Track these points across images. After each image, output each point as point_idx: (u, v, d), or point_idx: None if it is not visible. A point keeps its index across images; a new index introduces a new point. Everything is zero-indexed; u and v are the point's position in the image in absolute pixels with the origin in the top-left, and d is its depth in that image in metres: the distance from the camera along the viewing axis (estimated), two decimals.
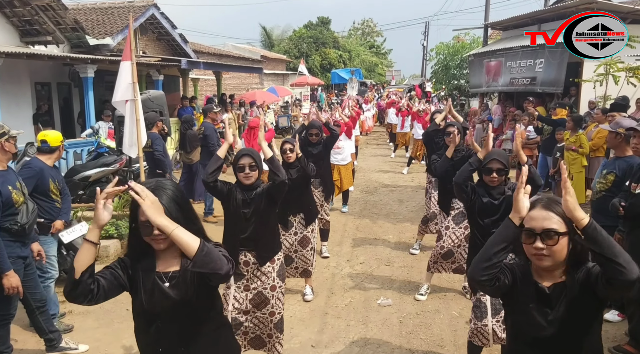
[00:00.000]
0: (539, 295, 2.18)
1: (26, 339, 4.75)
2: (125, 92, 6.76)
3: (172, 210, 2.12)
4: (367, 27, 53.26)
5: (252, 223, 3.91)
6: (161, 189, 2.16)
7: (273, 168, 3.86)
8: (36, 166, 4.61)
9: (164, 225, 2.00)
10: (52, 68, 13.49)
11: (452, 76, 22.99)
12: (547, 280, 2.19)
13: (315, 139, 6.65)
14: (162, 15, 16.74)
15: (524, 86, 14.21)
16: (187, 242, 2.01)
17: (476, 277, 2.18)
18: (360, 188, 11.70)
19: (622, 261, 1.92)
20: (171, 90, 18.42)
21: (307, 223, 5.54)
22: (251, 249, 3.96)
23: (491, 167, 3.86)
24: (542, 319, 2.17)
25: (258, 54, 31.18)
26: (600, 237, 1.96)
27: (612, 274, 1.95)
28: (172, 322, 2.22)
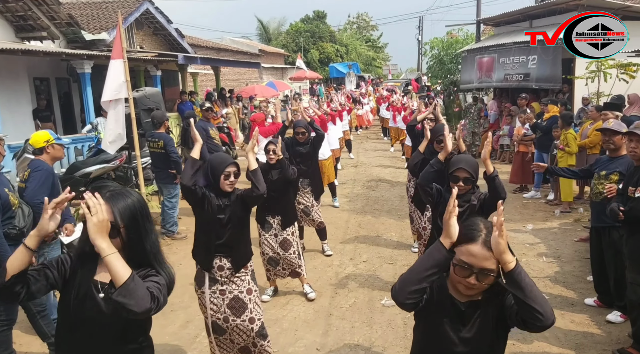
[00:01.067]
0: (454, 310, 2.14)
1: (30, 342, 4.71)
2: (116, 91, 6.68)
3: (123, 216, 2.12)
4: (363, 21, 53.03)
5: (228, 229, 3.83)
6: (123, 195, 2.18)
7: (255, 181, 3.80)
8: (44, 167, 4.54)
9: (101, 247, 1.96)
10: (50, 63, 13.38)
11: (448, 71, 22.92)
12: (463, 296, 2.15)
13: (302, 138, 6.58)
14: (157, 10, 16.61)
15: (517, 82, 14.26)
16: (117, 272, 1.94)
17: (401, 299, 2.09)
18: (362, 184, 11.66)
19: (540, 309, 1.93)
20: (170, 84, 18.31)
21: (285, 226, 5.45)
22: (226, 255, 3.87)
23: (457, 175, 3.70)
24: (454, 335, 2.14)
25: (256, 48, 31.05)
26: (523, 282, 1.95)
27: (529, 318, 1.96)
28: (93, 335, 2.16)
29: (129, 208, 2.15)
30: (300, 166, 6.63)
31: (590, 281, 5.73)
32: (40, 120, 12.29)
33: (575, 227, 7.97)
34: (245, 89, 21.57)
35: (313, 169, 6.80)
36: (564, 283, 5.92)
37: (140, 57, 13.95)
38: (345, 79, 32.87)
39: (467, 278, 2.04)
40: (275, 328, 4.97)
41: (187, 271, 5.64)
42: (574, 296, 5.57)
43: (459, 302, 2.13)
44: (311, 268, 6.54)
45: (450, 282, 2.15)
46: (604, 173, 5.10)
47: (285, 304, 5.48)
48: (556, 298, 5.51)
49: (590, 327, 4.91)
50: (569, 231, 7.78)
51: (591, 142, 8.35)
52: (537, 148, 9.83)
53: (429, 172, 3.94)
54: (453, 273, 2.08)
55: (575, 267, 6.39)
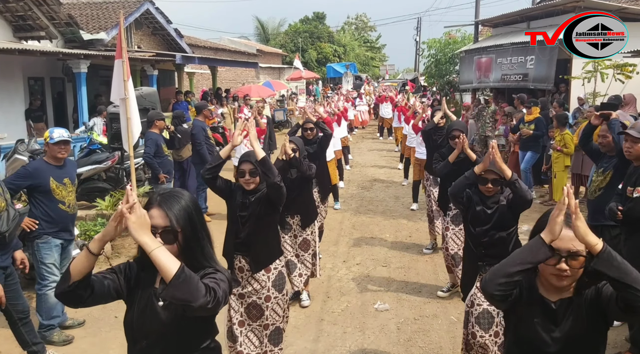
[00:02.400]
0: (545, 310, 2.08)
1: (10, 350, 4.60)
2: (118, 91, 6.63)
3: (179, 218, 2.04)
4: (361, 22, 52.98)
5: (247, 227, 3.79)
6: (174, 197, 2.10)
7: (264, 169, 3.70)
8: (31, 166, 4.56)
9: (144, 243, 1.87)
10: (46, 63, 13.31)
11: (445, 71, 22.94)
12: (554, 295, 2.09)
13: (310, 135, 6.47)
14: (157, 10, 16.58)
15: (516, 82, 14.26)
16: (164, 265, 1.84)
17: (489, 290, 2.02)
18: (356, 184, 11.60)
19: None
20: (166, 84, 18.24)
21: (304, 225, 5.38)
22: (245, 255, 3.84)
23: (486, 177, 3.76)
24: (547, 335, 2.07)
25: (254, 48, 31.00)
26: (616, 262, 1.83)
27: (632, 301, 1.82)
28: (157, 345, 2.09)
29: (184, 210, 2.07)
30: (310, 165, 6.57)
31: None
32: (33, 120, 12.23)
33: None
34: (241, 89, 21.49)
35: (321, 168, 6.69)
36: None
37: (138, 57, 13.88)
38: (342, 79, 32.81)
39: (556, 265, 1.97)
40: None
41: None
42: None
43: (549, 301, 2.07)
44: None
45: (540, 281, 2.10)
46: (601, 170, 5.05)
47: None
48: None
49: None
50: None
51: None
52: (520, 148, 9.90)
53: (463, 184, 3.88)
54: (542, 265, 2.01)
55: None
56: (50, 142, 4.57)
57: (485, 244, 3.83)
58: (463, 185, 3.87)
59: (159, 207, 2.04)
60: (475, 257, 3.93)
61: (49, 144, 4.59)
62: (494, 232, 3.80)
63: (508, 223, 3.82)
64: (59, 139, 4.56)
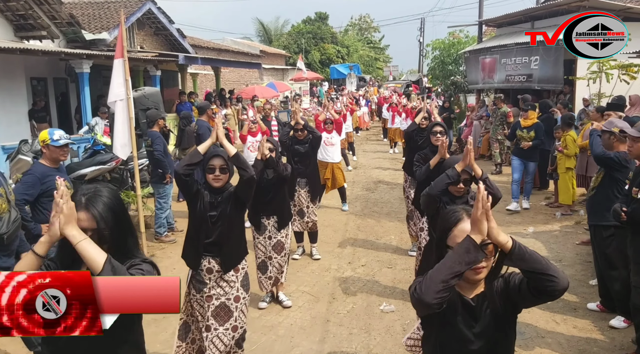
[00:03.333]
0: (465, 308, 2.14)
1: (17, 350, 4.57)
2: (118, 91, 6.54)
3: (107, 218, 2.05)
4: (365, 23, 52.94)
5: (218, 227, 3.72)
6: (97, 196, 2.09)
7: (239, 164, 3.65)
8: (37, 172, 4.44)
9: (71, 235, 1.89)
10: (48, 63, 13.28)
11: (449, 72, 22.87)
12: (469, 292, 2.16)
13: (301, 136, 6.54)
14: (159, 10, 16.53)
15: (520, 83, 14.17)
16: (91, 257, 1.86)
17: (428, 300, 1.97)
18: (361, 185, 11.55)
19: (553, 273, 1.93)
20: (170, 85, 18.20)
21: (280, 227, 5.33)
22: (215, 255, 3.75)
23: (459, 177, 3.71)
24: (469, 332, 2.13)
25: (257, 48, 30.97)
26: (527, 255, 1.95)
27: (544, 286, 1.95)
28: (77, 345, 2.02)
29: (109, 208, 2.08)
30: (299, 166, 6.58)
31: (593, 285, 5.65)
32: (36, 120, 12.19)
33: (576, 229, 7.86)
34: (245, 90, 21.47)
35: (311, 169, 6.72)
36: None
37: (140, 57, 13.86)
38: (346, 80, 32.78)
39: None
40: (270, 335, 4.86)
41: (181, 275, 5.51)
42: (577, 300, 5.46)
43: (467, 299, 2.14)
44: (308, 272, 6.44)
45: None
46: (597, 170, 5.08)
47: (281, 310, 5.35)
48: (558, 302, 5.37)
49: (593, 333, 4.82)
50: (570, 234, 7.67)
51: None
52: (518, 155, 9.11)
53: (444, 183, 3.77)
54: None
55: (577, 270, 6.27)
56: (53, 144, 4.46)
57: None
58: (444, 184, 3.76)
59: (85, 209, 2.04)
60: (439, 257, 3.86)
61: (49, 145, 4.47)
62: None
63: None
64: (63, 142, 4.48)
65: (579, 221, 8.17)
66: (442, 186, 3.75)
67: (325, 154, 8.68)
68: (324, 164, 8.85)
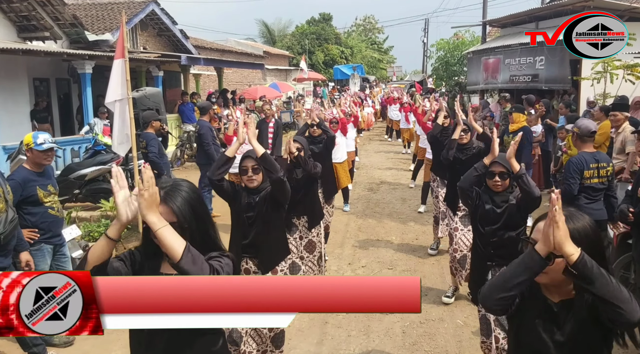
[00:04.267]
0: (547, 311, 2.03)
1: (11, 351, 4.54)
2: (118, 91, 6.51)
3: (185, 212, 2.06)
4: (369, 24, 52.87)
5: (254, 228, 3.73)
6: (176, 190, 2.10)
7: (266, 166, 3.65)
8: (18, 177, 4.35)
9: (152, 221, 1.88)
10: (51, 64, 13.29)
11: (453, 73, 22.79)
12: (556, 296, 2.03)
13: (316, 133, 6.49)
14: (163, 11, 16.52)
15: (525, 83, 14.06)
16: (171, 244, 1.86)
17: (488, 305, 1.99)
18: (363, 186, 11.50)
19: (618, 302, 1.76)
20: (172, 86, 18.21)
21: (311, 226, 5.28)
22: (253, 256, 3.78)
23: (493, 170, 3.72)
24: (548, 337, 2.01)
25: (260, 49, 30.93)
26: (593, 275, 1.78)
27: (611, 315, 1.80)
28: (164, 332, 2.01)
29: (188, 203, 2.08)
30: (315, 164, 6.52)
31: None
32: (38, 121, 12.19)
33: None
34: (248, 91, 21.45)
35: (326, 169, 6.65)
36: None
37: (143, 58, 13.86)
38: (349, 81, 32.74)
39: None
40: None
41: None
42: None
43: (552, 302, 2.03)
44: None
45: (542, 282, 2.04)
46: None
47: None
48: None
49: None
50: None
51: (596, 142, 8.17)
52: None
53: (472, 176, 3.83)
54: None
55: None
56: (37, 148, 4.35)
57: (495, 244, 3.76)
58: (472, 177, 3.80)
59: (164, 203, 2.04)
60: (484, 257, 3.85)
61: (33, 149, 4.37)
62: (503, 232, 3.74)
63: (517, 223, 3.76)
64: (47, 146, 4.38)
65: None
66: (470, 179, 3.78)
67: None
68: None
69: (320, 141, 6.52)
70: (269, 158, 3.68)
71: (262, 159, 3.65)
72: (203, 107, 8.98)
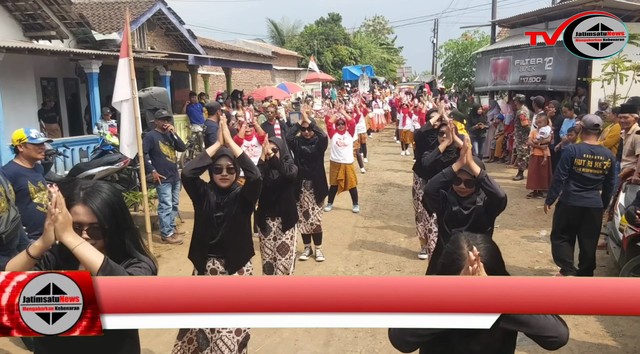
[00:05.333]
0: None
1: (18, 351, 4.51)
2: (124, 91, 6.45)
3: (105, 213, 2.04)
4: (379, 24, 52.76)
5: (223, 228, 3.65)
6: (96, 191, 2.07)
7: (245, 166, 3.60)
8: (9, 171, 4.34)
9: (68, 241, 1.90)
10: (58, 63, 13.30)
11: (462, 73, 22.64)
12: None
13: (308, 135, 6.46)
14: (170, 11, 16.52)
15: (534, 85, 13.92)
16: (89, 260, 1.87)
17: (397, 344, 2.15)
18: (371, 187, 11.41)
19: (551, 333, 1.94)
20: (180, 86, 18.22)
21: (285, 228, 5.20)
22: (220, 256, 3.69)
23: (460, 177, 3.67)
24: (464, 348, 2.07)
25: (269, 50, 30.95)
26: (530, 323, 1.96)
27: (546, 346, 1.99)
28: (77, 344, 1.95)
29: (107, 204, 2.06)
30: (305, 167, 6.47)
31: None
32: (45, 121, 12.20)
33: None
34: (256, 91, 21.43)
35: (317, 170, 6.62)
36: None
37: (150, 58, 13.84)
38: (358, 82, 32.64)
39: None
40: (274, 337, 4.74)
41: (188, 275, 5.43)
42: None
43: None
44: (315, 274, 6.31)
45: None
46: None
47: None
48: None
49: (605, 338, 4.68)
50: None
51: (606, 145, 8.04)
52: None
53: (439, 182, 3.77)
54: None
55: None
56: (32, 142, 4.38)
57: None
58: (439, 183, 3.76)
59: (84, 203, 2.03)
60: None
61: (27, 144, 4.37)
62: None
63: (484, 225, 3.71)
64: (41, 140, 4.41)
65: None
66: (437, 184, 3.75)
67: (338, 154, 8.58)
68: (337, 165, 8.73)
69: (313, 142, 6.49)
70: (247, 158, 3.65)
71: (240, 159, 3.61)
72: (211, 108, 8.91)
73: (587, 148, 5.54)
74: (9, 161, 4.58)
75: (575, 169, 5.51)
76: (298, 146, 6.58)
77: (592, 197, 5.55)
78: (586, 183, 5.51)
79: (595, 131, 5.67)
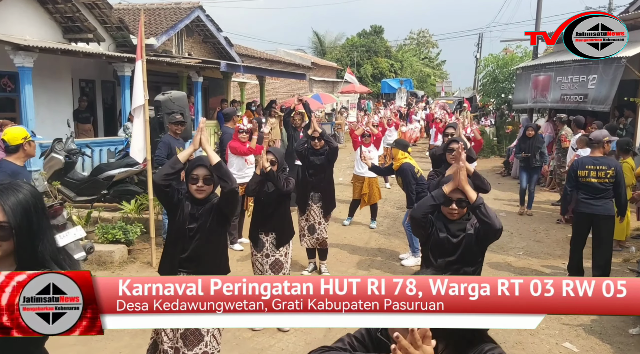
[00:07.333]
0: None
1: None
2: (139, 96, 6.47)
3: (16, 214, 1.87)
4: (423, 38, 52.35)
5: (195, 241, 3.46)
6: (12, 190, 1.91)
7: (220, 175, 3.38)
8: (7, 169, 4.29)
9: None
10: (96, 66, 13.61)
11: (501, 90, 21.92)
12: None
13: (317, 145, 6.28)
14: (208, 18, 16.73)
15: (575, 103, 13.28)
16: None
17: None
18: (393, 203, 11.15)
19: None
20: (215, 93, 18.40)
21: (279, 245, 4.95)
22: (191, 272, 3.46)
23: (451, 196, 3.25)
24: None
25: (309, 60, 31.04)
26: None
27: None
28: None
29: (21, 204, 1.90)
30: (313, 178, 6.29)
31: (633, 334, 5.09)
32: (80, 121, 12.44)
33: (622, 268, 7.12)
34: (289, 101, 21.42)
35: (325, 182, 6.41)
36: (599, 334, 5.17)
37: (182, 63, 14.01)
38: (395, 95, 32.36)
39: None
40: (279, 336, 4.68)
41: None
42: (610, 352, 4.84)
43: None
44: None
45: None
46: None
47: (275, 333, 4.98)
48: (587, 352, 4.84)
49: None
50: (614, 273, 6.95)
51: None
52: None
53: (427, 205, 3.36)
54: None
55: (616, 316, 5.66)
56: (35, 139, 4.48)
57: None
58: (428, 206, 3.34)
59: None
60: None
61: (31, 142, 4.36)
62: (459, 267, 3.30)
63: (475, 255, 3.34)
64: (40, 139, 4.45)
65: (627, 259, 7.41)
66: (426, 208, 3.34)
67: (362, 168, 8.39)
68: (361, 179, 8.56)
69: (323, 152, 6.29)
70: (223, 167, 3.43)
71: (216, 167, 3.38)
72: (227, 114, 8.84)
73: (590, 160, 6.14)
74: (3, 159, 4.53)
75: (581, 179, 6.03)
76: (307, 156, 6.39)
77: (601, 205, 6.01)
78: (595, 192, 6.01)
79: (600, 145, 6.25)
